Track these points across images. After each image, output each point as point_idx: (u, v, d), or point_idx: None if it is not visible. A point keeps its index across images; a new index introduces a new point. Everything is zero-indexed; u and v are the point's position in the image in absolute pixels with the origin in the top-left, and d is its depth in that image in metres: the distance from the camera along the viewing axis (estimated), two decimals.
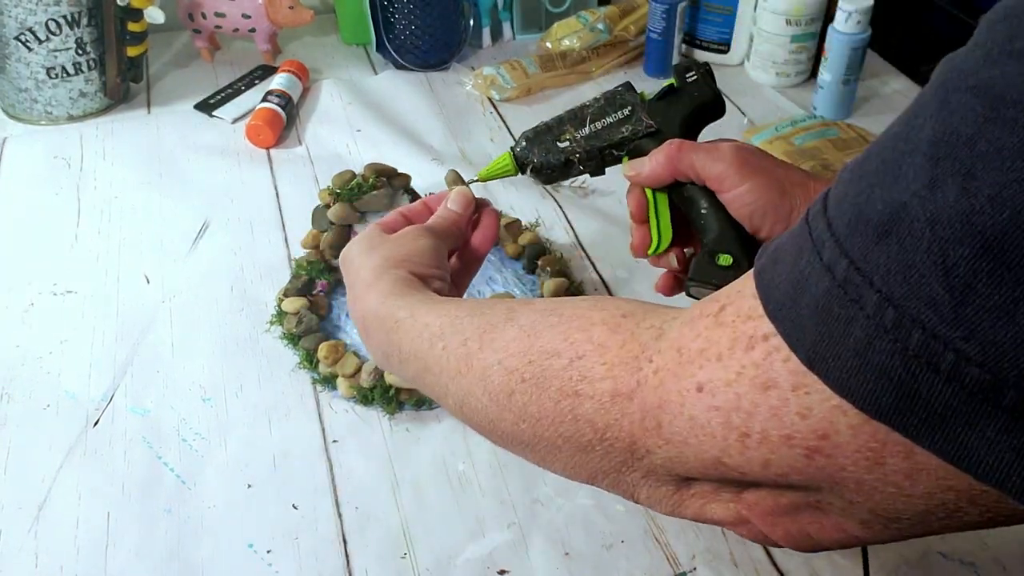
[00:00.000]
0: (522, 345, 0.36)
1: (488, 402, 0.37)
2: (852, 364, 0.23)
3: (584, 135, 0.52)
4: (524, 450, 0.38)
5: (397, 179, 0.72)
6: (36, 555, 0.53)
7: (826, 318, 0.24)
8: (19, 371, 0.65)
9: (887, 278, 0.22)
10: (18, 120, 0.94)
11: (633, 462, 0.32)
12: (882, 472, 0.25)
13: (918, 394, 0.22)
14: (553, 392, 0.34)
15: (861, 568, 0.52)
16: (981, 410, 0.21)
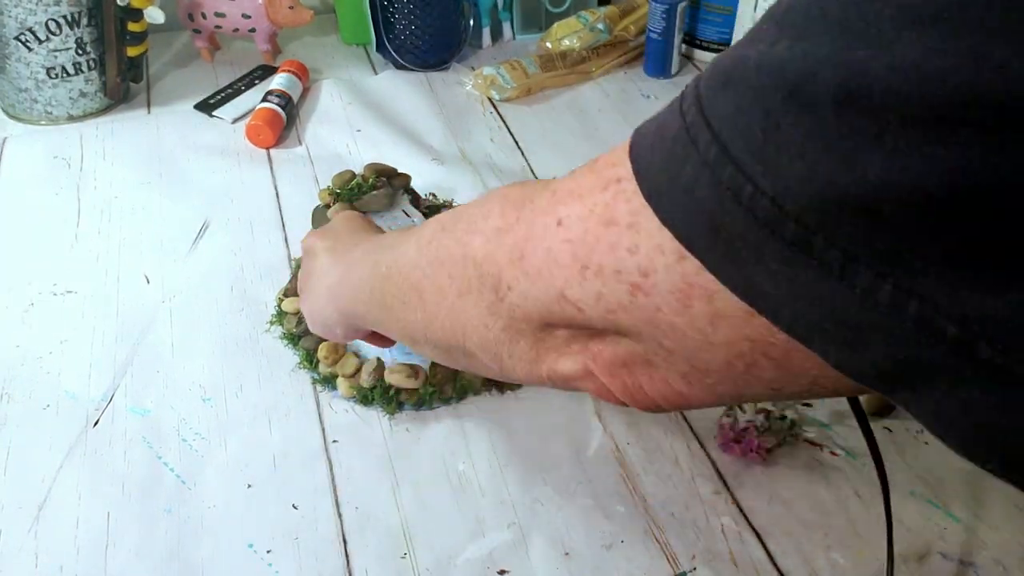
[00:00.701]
0: (456, 209, 0.42)
1: (415, 253, 0.41)
2: (679, 198, 0.26)
3: None
4: (416, 302, 0.41)
5: (397, 179, 0.72)
6: (36, 555, 0.53)
7: (670, 157, 0.26)
8: (19, 371, 0.65)
9: (721, 120, 0.24)
10: (18, 120, 0.94)
11: (498, 305, 0.35)
12: (690, 316, 0.27)
13: (722, 226, 0.24)
14: (458, 232, 0.38)
15: (861, 570, 0.52)
16: (767, 242, 0.23)
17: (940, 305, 0.21)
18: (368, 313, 0.48)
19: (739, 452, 0.57)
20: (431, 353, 0.45)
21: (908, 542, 0.53)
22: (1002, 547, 0.53)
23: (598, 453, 0.59)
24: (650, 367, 0.31)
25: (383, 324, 0.47)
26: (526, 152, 0.90)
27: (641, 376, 0.32)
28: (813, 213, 0.22)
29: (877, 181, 0.21)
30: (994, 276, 0.20)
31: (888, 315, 0.21)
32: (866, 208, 0.21)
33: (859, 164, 0.21)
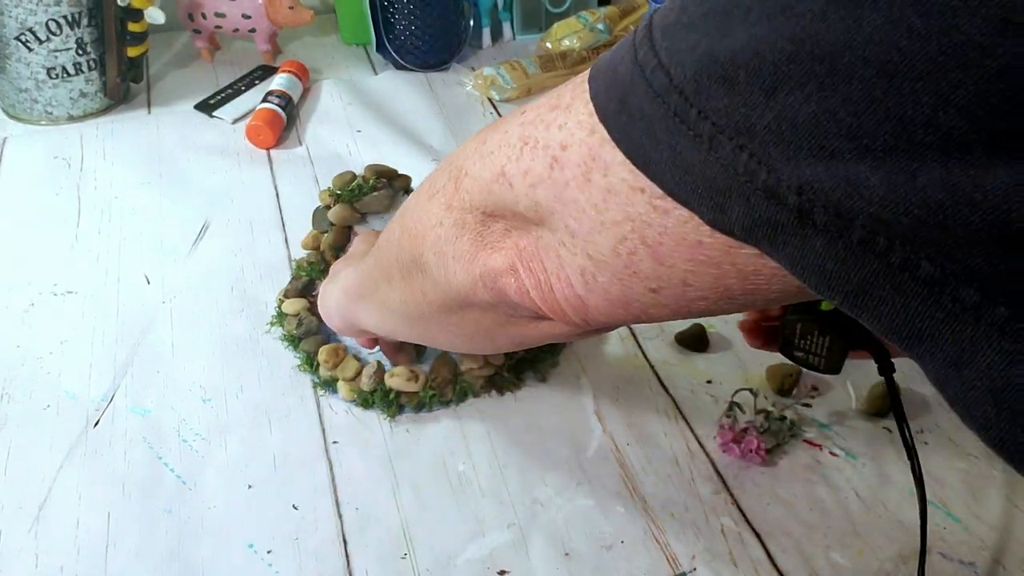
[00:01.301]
0: None
1: (413, 196, 0.44)
2: (607, 76, 0.29)
3: None
4: (398, 230, 0.44)
5: (397, 180, 0.72)
6: (36, 555, 0.53)
7: (616, 49, 0.29)
8: (19, 371, 0.65)
9: (661, 16, 0.27)
10: (18, 120, 0.94)
11: (454, 195, 0.37)
12: (589, 191, 0.30)
13: (628, 97, 0.27)
14: (444, 164, 0.40)
15: (861, 570, 0.52)
16: (657, 112, 0.26)
17: (782, 176, 0.23)
18: (371, 282, 0.50)
19: (739, 452, 0.57)
20: (396, 295, 0.46)
21: (908, 542, 0.53)
22: (1002, 547, 0.53)
23: (598, 453, 0.59)
24: (558, 259, 0.33)
25: (379, 291, 0.49)
26: None
27: (551, 269, 0.34)
28: (691, 84, 0.25)
29: (738, 47, 0.23)
30: (824, 146, 0.22)
31: (746, 183, 0.24)
32: (726, 77, 0.23)
33: (729, 33, 0.23)
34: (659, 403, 0.62)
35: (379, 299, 0.49)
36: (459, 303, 0.41)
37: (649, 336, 0.68)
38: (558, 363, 0.65)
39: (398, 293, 0.46)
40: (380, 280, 0.48)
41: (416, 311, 0.45)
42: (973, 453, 0.58)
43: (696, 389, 0.63)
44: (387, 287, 0.47)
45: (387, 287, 0.47)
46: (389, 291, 0.47)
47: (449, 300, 0.41)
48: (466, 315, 0.42)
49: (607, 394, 0.63)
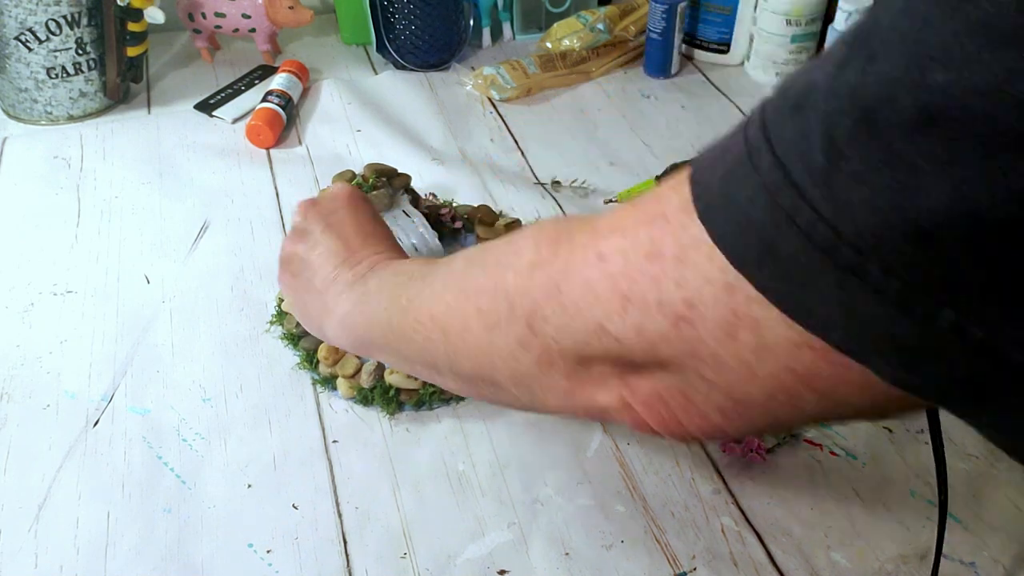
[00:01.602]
0: (484, 244, 0.42)
1: (440, 286, 0.42)
2: (735, 218, 0.26)
3: None
4: (440, 336, 0.41)
5: (397, 179, 0.72)
6: (36, 555, 0.53)
7: (729, 178, 0.26)
8: (19, 371, 0.65)
9: (786, 146, 0.24)
10: (18, 120, 0.94)
11: (531, 338, 0.35)
12: (735, 347, 0.27)
13: (776, 247, 0.24)
14: (488, 266, 0.38)
15: (861, 570, 0.52)
16: (821, 266, 0.23)
17: (1004, 332, 0.21)
18: (385, 344, 0.47)
19: (739, 452, 0.57)
20: (453, 384, 0.44)
21: (908, 542, 0.53)
22: (1002, 547, 0.53)
23: (598, 453, 0.59)
24: (688, 401, 0.31)
25: (401, 353, 0.46)
26: (526, 152, 0.90)
27: (678, 409, 0.32)
28: (871, 240, 0.22)
29: (941, 208, 0.20)
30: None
31: (949, 340, 0.22)
32: (927, 235, 0.21)
33: (924, 191, 0.21)
34: None
35: (419, 357, 0.44)
36: (540, 407, 0.38)
37: None
38: None
39: (448, 379, 0.43)
40: (409, 354, 0.44)
41: (477, 389, 0.42)
42: (973, 453, 0.58)
43: None
44: (423, 367, 0.44)
45: (423, 367, 0.44)
46: (425, 369, 0.44)
47: (523, 404, 0.39)
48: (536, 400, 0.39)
49: None
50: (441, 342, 0.41)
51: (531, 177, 0.86)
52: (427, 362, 0.43)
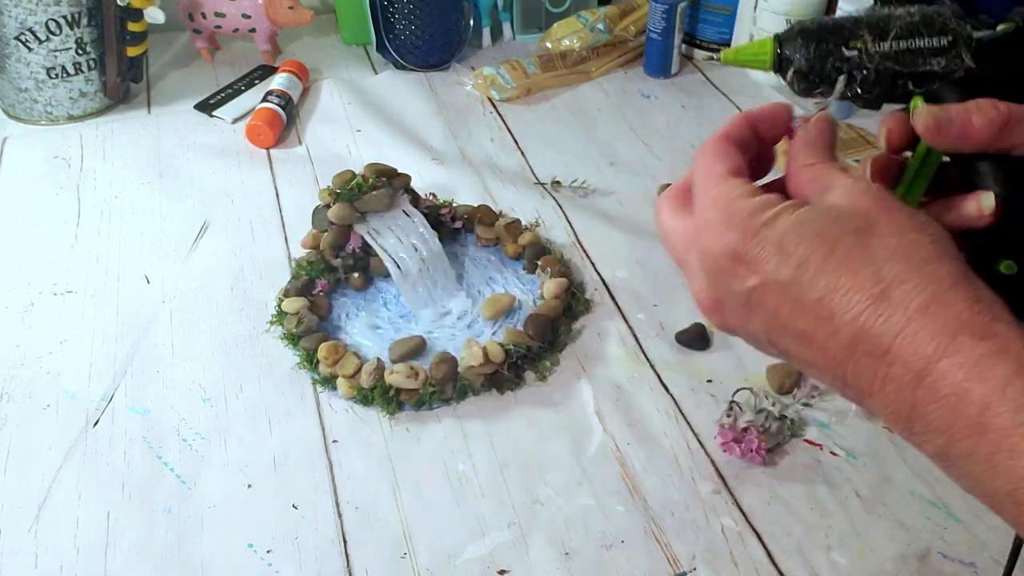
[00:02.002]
0: None
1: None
2: None
3: (882, 51, 0.39)
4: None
5: (397, 179, 0.72)
6: (36, 554, 0.53)
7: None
8: (19, 371, 0.65)
9: None
10: (18, 120, 0.94)
11: None
12: None
13: None
14: None
15: (861, 570, 0.52)
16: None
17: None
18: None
19: (740, 452, 0.57)
20: None
21: (908, 542, 0.53)
22: (1002, 547, 0.53)
23: (598, 453, 0.59)
24: None
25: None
26: (526, 152, 0.90)
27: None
28: None
29: None
30: None
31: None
32: None
33: None
34: (659, 403, 0.62)
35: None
36: None
37: (649, 335, 0.68)
38: (558, 363, 0.65)
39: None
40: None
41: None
42: None
43: (696, 388, 0.63)
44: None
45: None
46: None
47: None
48: None
49: (607, 394, 0.63)
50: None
51: (531, 177, 0.86)
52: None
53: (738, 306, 0.35)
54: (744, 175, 0.36)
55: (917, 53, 0.39)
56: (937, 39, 0.39)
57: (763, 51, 0.40)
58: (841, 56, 0.39)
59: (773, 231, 0.33)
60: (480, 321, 0.69)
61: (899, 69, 0.40)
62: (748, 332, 0.36)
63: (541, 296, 0.70)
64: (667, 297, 0.71)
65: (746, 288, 0.34)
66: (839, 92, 0.40)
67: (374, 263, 0.71)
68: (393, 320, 0.70)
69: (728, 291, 0.35)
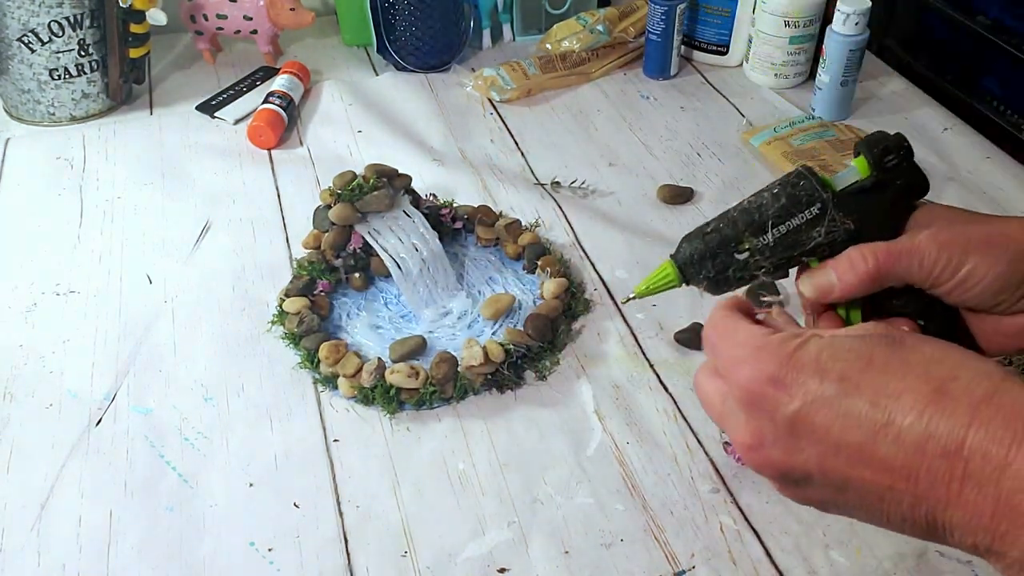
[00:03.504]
0: None
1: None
2: None
3: (768, 243, 0.41)
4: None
5: (398, 180, 0.73)
6: (39, 553, 0.53)
7: None
8: (22, 370, 0.65)
9: None
10: (21, 121, 0.95)
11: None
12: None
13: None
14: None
15: (859, 569, 0.52)
16: None
17: None
18: None
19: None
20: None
21: (906, 541, 0.53)
22: None
23: (598, 452, 0.59)
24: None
25: None
26: (526, 153, 0.91)
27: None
28: None
29: None
30: None
31: None
32: None
33: None
34: (659, 402, 0.63)
35: None
36: None
37: (649, 335, 0.68)
38: (558, 362, 0.66)
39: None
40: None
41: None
42: None
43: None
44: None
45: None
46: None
47: None
48: None
49: (607, 393, 0.63)
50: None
51: (531, 178, 0.87)
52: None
53: (782, 436, 0.33)
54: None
55: (797, 232, 0.41)
56: (808, 211, 0.41)
57: (669, 276, 0.45)
58: (736, 262, 0.42)
59: (807, 352, 0.33)
60: (480, 321, 0.69)
61: (790, 253, 0.42)
62: (797, 467, 0.33)
63: (541, 296, 0.70)
64: (666, 297, 0.71)
65: (789, 413, 0.32)
66: (744, 284, 0.43)
67: (375, 263, 0.72)
68: (394, 320, 0.70)
69: (770, 422, 0.33)
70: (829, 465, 0.32)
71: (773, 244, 0.41)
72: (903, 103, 0.98)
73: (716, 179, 0.86)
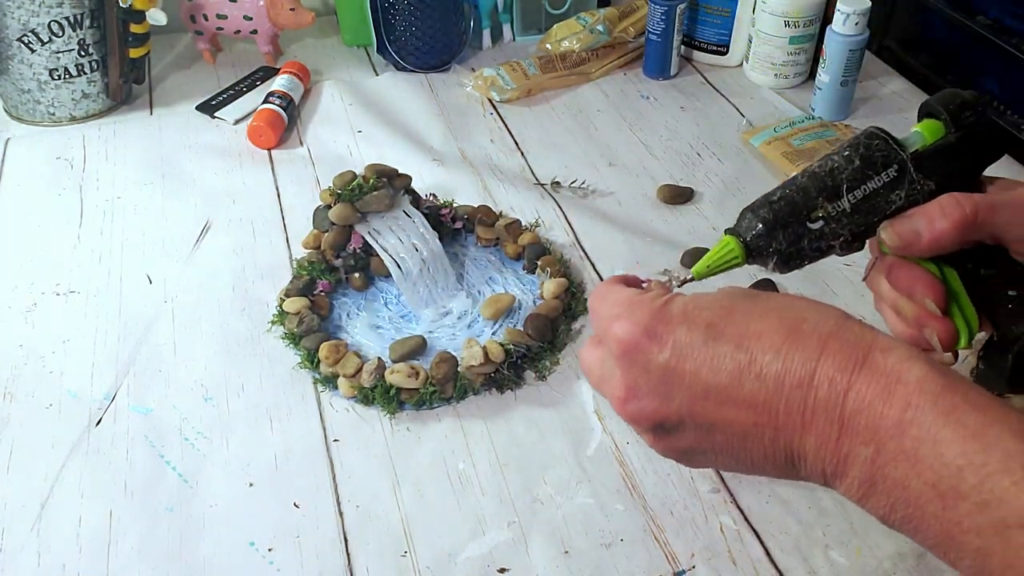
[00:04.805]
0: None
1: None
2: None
3: (844, 209, 0.39)
4: None
5: (398, 180, 0.73)
6: (39, 553, 0.53)
7: None
8: (22, 370, 0.65)
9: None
10: (21, 121, 0.95)
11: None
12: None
13: None
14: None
15: (859, 568, 0.52)
16: None
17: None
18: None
19: None
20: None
21: (905, 540, 0.53)
22: None
23: (598, 452, 0.59)
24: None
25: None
26: (526, 153, 0.91)
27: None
28: None
29: None
30: None
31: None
32: None
33: None
34: None
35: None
36: None
37: None
38: (558, 362, 0.66)
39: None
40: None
41: None
42: None
43: None
44: None
45: None
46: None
47: None
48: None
49: None
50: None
51: (531, 178, 0.87)
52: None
53: (655, 385, 0.35)
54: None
55: (875, 196, 0.39)
56: (885, 174, 0.39)
57: (733, 252, 0.40)
58: (809, 232, 0.39)
59: (675, 305, 0.36)
60: (480, 321, 0.69)
61: (869, 219, 0.39)
62: (671, 415, 0.36)
63: (541, 296, 0.70)
64: None
65: (661, 362, 0.35)
66: (820, 256, 0.40)
67: (375, 263, 0.72)
68: (394, 320, 0.70)
69: (644, 372, 0.36)
70: (698, 409, 0.35)
71: (850, 210, 0.38)
72: (903, 103, 0.98)
73: (716, 179, 0.86)
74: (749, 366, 0.33)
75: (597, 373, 0.39)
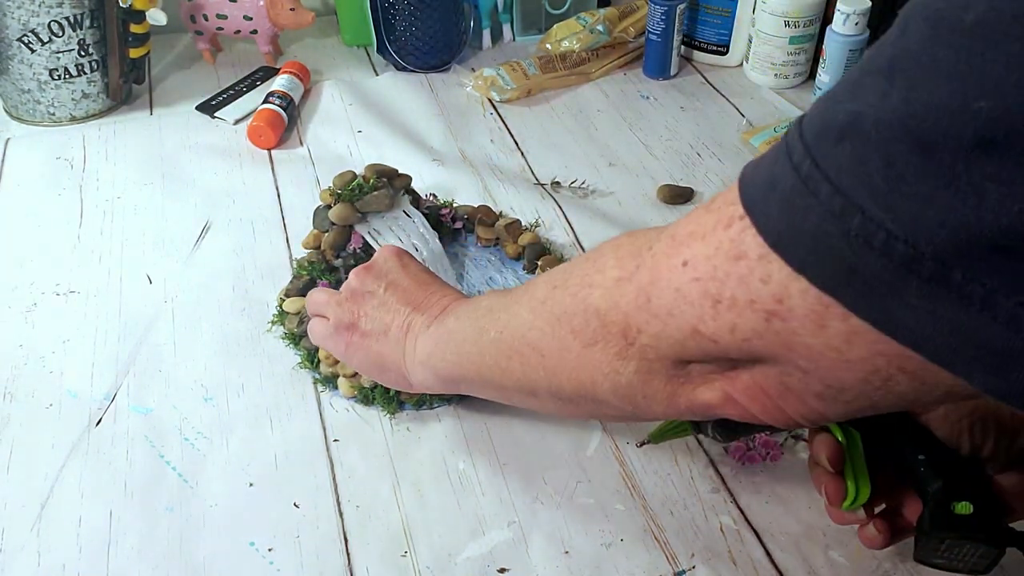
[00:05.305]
0: (563, 267, 0.43)
1: (527, 314, 0.43)
2: (807, 246, 0.27)
3: None
4: (536, 360, 0.42)
5: (398, 180, 0.73)
6: (38, 553, 0.53)
7: (789, 208, 0.28)
8: (22, 370, 0.65)
9: (840, 173, 0.26)
10: (21, 121, 0.95)
11: (628, 349, 0.36)
12: (825, 336, 0.29)
13: (856, 268, 0.26)
14: (572, 287, 0.39)
15: (859, 568, 0.52)
16: (905, 280, 0.25)
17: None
18: (478, 376, 0.49)
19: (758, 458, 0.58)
20: (552, 405, 0.46)
21: (905, 541, 0.53)
22: None
23: (598, 452, 0.59)
24: (786, 389, 0.32)
25: (495, 383, 0.48)
26: (526, 153, 0.91)
27: (778, 397, 0.33)
28: (950, 252, 0.24)
29: (1011, 221, 0.22)
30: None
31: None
32: (1002, 245, 0.23)
33: (991, 207, 0.23)
34: None
35: (515, 385, 0.46)
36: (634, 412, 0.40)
37: None
38: None
39: (547, 402, 0.45)
40: (505, 383, 0.46)
41: (577, 407, 0.44)
42: None
43: None
44: (519, 393, 0.47)
45: (519, 393, 0.47)
46: (521, 395, 0.47)
47: (626, 415, 0.41)
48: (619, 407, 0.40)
49: None
50: (539, 367, 0.42)
51: (531, 178, 0.87)
52: (525, 389, 0.45)
53: (377, 304, 0.55)
54: None
55: None
56: None
57: (682, 423, 0.49)
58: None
59: (377, 258, 0.58)
60: None
61: None
62: (368, 288, 0.56)
63: None
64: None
65: (384, 285, 0.56)
66: (753, 429, 0.43)
67: None
68: None
69: (371, 298, 0.56)
70: (388, 296, 0.56)
71: None
72: None
73: (716, 179, 0.86)
74: (428, 285, 0.56)
75: (322, 332, 0.58)
